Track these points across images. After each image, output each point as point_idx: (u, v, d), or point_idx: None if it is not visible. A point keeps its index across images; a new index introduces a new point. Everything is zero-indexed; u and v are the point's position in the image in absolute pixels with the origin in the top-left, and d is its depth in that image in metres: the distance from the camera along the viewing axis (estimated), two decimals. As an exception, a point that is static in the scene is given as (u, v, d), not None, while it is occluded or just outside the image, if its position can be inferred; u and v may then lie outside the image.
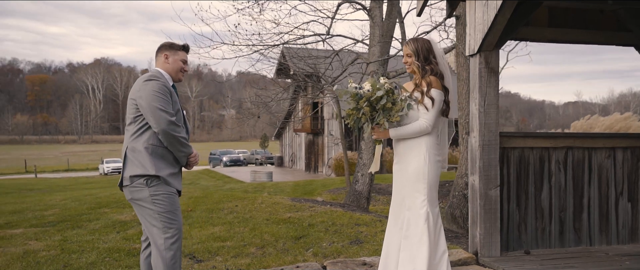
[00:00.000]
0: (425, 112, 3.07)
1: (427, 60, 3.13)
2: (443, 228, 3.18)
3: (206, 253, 5.26)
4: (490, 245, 3.93)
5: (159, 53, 3.22)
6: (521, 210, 4.19)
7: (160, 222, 2.95)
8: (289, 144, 33.96)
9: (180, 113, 3.10)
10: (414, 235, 3.06)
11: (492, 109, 3.94)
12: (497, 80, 3.97)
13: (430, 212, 3.07)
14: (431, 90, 3.07)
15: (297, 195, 15.02)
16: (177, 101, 3.10)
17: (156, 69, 3.19)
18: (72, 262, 4.80)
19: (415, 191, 3.09)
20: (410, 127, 3.08)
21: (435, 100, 3.07)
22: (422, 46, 3.14)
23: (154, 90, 2.93)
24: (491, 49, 3.91)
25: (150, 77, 3.03)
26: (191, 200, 9.85)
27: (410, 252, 3.06)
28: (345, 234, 6.19)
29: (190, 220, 7.50)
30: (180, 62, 3.20)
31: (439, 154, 3.17)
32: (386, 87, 3.01)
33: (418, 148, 3.10)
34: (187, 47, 3.27)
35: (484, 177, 3.92)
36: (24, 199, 13.54)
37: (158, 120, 2.89)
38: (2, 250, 5.49)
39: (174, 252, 2.99)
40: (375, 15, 9.56)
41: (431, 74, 3.11)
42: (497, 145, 3.96)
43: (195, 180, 24.93)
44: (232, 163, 37.91)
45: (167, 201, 2.96)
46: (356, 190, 9.81)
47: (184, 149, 3.02)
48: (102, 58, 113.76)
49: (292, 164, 33.38)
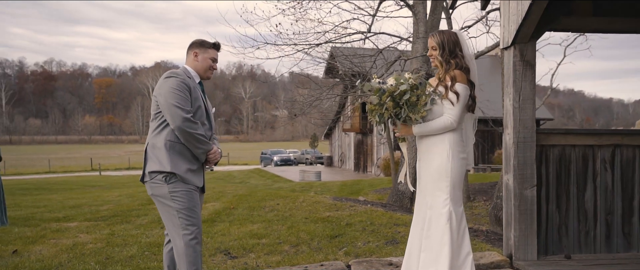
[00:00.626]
0: (450, 108, 2.95)
1: (453, 54, 3.01)
2: (467, 228, 3.04)
3: (241, 250, 5.33)
4: (525, 248, 3.72)
5: (190, 50, 3.21)
6: (562, 212, 3.93)
7: (178, 219, 2.97)
8: (339, 144, 33.94)
9: (201, 110, 3.09)
10: (435, 235, 2.94)
11: (528, 104, 3.73)
12: (533, 74, 3.75)
13: (453, 212, 2.94)
14: (456, 84, 2.94)
15: (343, 195, 14.97)
16: (198, 98, 3.08)
17: (184, 66, 3.20)
18: (114, 255, 5.01)
19: (438, 189, 2.97)
20: (435, 124, 2.97)
21: (460, 95, 2.94)
22: (448, 39, 3.02)
23: (172, 87, 2.95)
24: (526, 40, 3.70)
25: (170, 74, 3.05)
26: (235, 198, 10.05)
27: (431, 253, 2.95)
28: (382, 234, 6.09)
29: (232, 217, 7.64)
30: (209, 61, 3.18)
31: (463, 151, 3.04)
32: (410, 82, 2.92)
33: (441, 144, 2.98)
34: (217, 45, 3.25)
35: (518, 176, 3.72)
36: (85, 194, 14.37)
37: (173, 116, 2.90)
38: (55, 242, 5.83)
39: (193, 248, 3.01)
40: (418, 11, 9.35)
41: (456, 67, 2.99)
42: (533, 142, 3.74)
43: (245, 179, 25.45)
44: (283, 162, 38.39)
45: (186, 198, 2.97)
46: (399, 190, 9.64)
47: (201, 146, 3.00)
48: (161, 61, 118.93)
49: (341, 164, 33.35)
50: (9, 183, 21.56)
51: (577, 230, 3.95)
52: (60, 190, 17.50)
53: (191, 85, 3.05)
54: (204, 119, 3.12)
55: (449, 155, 2.96)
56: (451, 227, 2.92)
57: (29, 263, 4.56)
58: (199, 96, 3.08)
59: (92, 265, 4.47)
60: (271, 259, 4.92)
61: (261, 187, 18.60)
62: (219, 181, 23.30)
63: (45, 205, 11.07)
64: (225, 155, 52.17)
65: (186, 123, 2.91)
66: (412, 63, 9.56)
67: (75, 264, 4.51)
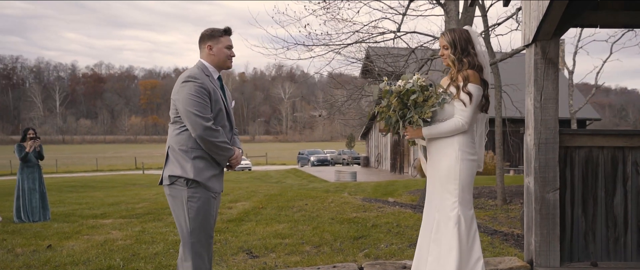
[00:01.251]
0: (462, 109, 2.87)
1: (465, 52, 2.92)
2: (478, 232, 2.94)
3: (263, 249, 5.37)
4: (547, 254, 3.57)
5: (202, 44, 3.05)
6: (588, 217, 3.75)
7: (189, 225, 2.90)
8: (375, 144, 33.70)
9: (222, 112, 2.99)
10: (443, 239, 2.87)
11: (550, 104, 3.58)
12: (556, 73, 3.59)
13: (461, 215, 2.86)
14: (468, 85, 2.86)
15: (377, 196, 14.86)
16: (218, 99, 2.97)
17: (200, 61, 3.06)
18: (140, 252, 5.16)
19: (446, 192, 2.90)
20: (445, 125, 2.89)
21: (473, 95, 2.86)
22: (460, 36, 2.94)
23: (190, 94, 2.85)
24: (549, 37, 3.55)
25: (188, 79, 2.91)
26: (266, 197, 10.16)
27: (438, 257, 2.88)
28: (407, 236, 6.00)
29: (259, 217, 7.73)
30: (225, 50, 3.03)
31: (474, 153, 2.94)
32: (419, 83, 2.86)
33: (450, 146, 2.90)
34: (229, 31, 3.07)
35: (539, 178, 3.57)
36: (125, 192, 14.91)
37: (194, 126, 2.83)
38: (88, 238, 6.07)
39: (199, 253, 2.93)
40: (450, 9, 9.15)
41: (469, 67, 2.90)
42: (556, 144, 3.59)
43: (281, 179, 25.66)
44: (320, 163, 38.48)
45: (201, 206, 2.90)
46: (430, 191, 9.47)
47: (222, 153, 2.91)
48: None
49: (378, 165, 33.09)
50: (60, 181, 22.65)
51: (606, 237, 3.75)
52: (104, 188, 18.22)
53: (210, 88, 2.93)
54: (225, 121, 3.03)
55: (458, 156, 2.88)
56: (459, 231, 2.84)
57: (59, 257, 4.76)
58: (219, 98, 2.97)
59: (117, 261, 4.62)
60: (291, 259, 4.93)
61: (296, 187, 18.71)
62: (255, 181, 23.61)
63: (87, 202, 11.56)
64: (263, 155, 52.83)
65: (207, 132, 2.83)
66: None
67: (101, 260, 4.67)
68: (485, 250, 5.04)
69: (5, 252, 5.12)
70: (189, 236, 2.91)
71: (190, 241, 2.91)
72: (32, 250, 5.18)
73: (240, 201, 10.02)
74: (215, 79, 3.04)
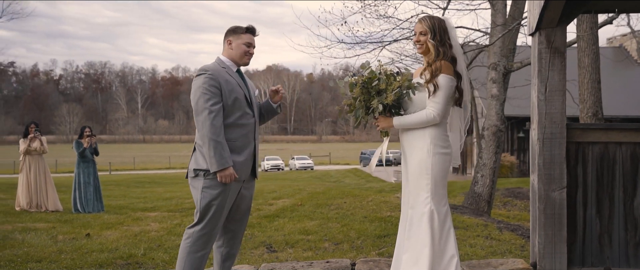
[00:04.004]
0: (433, 100, 2.76)
1: (441, 41, 2.81)
2: (453, 229, 2.82)
3: (284, 244, 5.45)
4: (552, 257, 3.33)
5: (224, 39, 3.14)
6: (603, 219, 3.45)
7: (198, 213, 2.94)
8: (438, 144, 32.72)
9: (239, 101, 3.00)
10: (416, 235, 2.78)
11: (556, 96, 3.34)
12: (562, 63, 3.34)
13: (435, 211, 2.76)
14: (439, 75, 2.75)
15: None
16: (234, 89, 2.99)
17: (218, 57, 3.14)
18: (166, 243, 5.42)
19: (418, 187, 2.81)
20: (416, 117, 2.80)
21: (442, 86, 2.75)
22: (439, 25, 2.84)
23: (197, 86, 2.93)
24: (554, 25, 3.31)
25: (199, 72, 2.99)
26: (308, 195, 10.27)
27: (412, 254, 2.79)
28: (434, 235, 5.84)
29: (294, 214, 7.85)
30: (243, 46, 3.08)
31: (447, 146, 2.83)
32: (382, 70, 2.79)
33: (422, 139, 2.80)
34: (251, 29, 3.13)
35: (544, 176, 3.34)
36: (184, 188, 15.66)
37: (196, 120, 2.92)
38: (126, 228, 6.48)
39: (194, 242, 2.95)
40: (496, 2, 8.73)
41: (443, 58, 2.79)
42: (562, 139, 3.34)
43: (340, 179, 25.73)
44: (380, 163, 38.01)
45: (214, 197, 2.91)
46: (475, 192, 9.09)
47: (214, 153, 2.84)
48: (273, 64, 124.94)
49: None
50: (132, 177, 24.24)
51: (624, 241, 3.43)
52: (167, 184, 19.25)
53: (221, 80, 2.95)
54: (246, 108, 3.04)
55: (430, 150, 2.78)
56: (433, 227, 2.74)
57: (91, 245, 5.13)
58: (234, 87, 2.99)
59: (140, 250, 4.90)
60: (305, 254, 4.97)
61: (353, 186, 18.67)
62: (314, 179, 23.86)
63: (145, 197, 12.30)
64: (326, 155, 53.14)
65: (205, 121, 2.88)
66: (489, 57, 8.96)
67: (128, 249, 4.97)
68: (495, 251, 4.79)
69: (48, 238, 5.60)
70: (196, 223, 2.96)
71: (193, 228, 2.97)
72: (72, 238, 5.62)
73: (283, 198, 10.20)
74: (234, 71, 3.09)
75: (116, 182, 19.34)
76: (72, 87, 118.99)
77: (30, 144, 8.36)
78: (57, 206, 8.51)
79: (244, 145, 3.02)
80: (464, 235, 5.87)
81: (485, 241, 5.49)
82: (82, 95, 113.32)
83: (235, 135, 2.99)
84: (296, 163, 39.75)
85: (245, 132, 3.03)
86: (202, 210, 2.93)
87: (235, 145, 2.96)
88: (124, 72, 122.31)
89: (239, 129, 3.01)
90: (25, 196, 8.27)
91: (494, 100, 8.76)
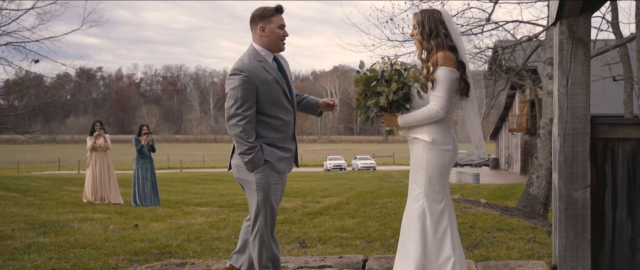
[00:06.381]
0: (435, 95, 2.70)
1: (433, 33, 2.74)
2: (453, 229, 2.73)
3: (316, 241, 5.52)
4: (574, 261, 3.13)
5: (254, 26, 2.91)
6: (636, 222, 3.18)
7: (256, 208, 2.89)
8: (505, 145, 31.37)
9: (278, 100, 2.88)
10: (407, 232, 2.75)
11: (579, 89, 3.13)
12: (586, 54, 3.13)
13: (426, 208, 2.70)
14: (438, 69, 2.69)
15: (492, 199, 14.01)
16: (272, 88, 2.85)
17: (252, 45, 2.94)
18: (204, 235, 5.66)
19: (413, 182, 2.76)
20: (419, 113, 2.74)
21: (442, 79, 2.67)
22: (429, 17, 2.77)
23: (231, 88, 2.82)
24: (577, 13, 3.10)
25: (233, 71, 2.84)
26: (355, 194, 10.27)
27: (402, 250, 2.76)
28: (472, 236, 5.68)
29: (338, 211, 7.91)
30: (277, 30, 2.88)
31: (447, 143, 2.74)
32: (385, 68, 2.76)
33: (421, 134, 2.75)
34: (280, 9, 2.89)
35: (565, 174, 3.14)
36: (241, 186, 16.19)
37: (226, 119, 2.87)
38: (173, 221, 6.84)
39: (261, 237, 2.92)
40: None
41: (438, 49, 2.72)
42: (586, 135, 3.12)
43: (401, 179, 25.38)
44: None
45: (263, 190, 2.85)
46: (530, 194, 8.65)
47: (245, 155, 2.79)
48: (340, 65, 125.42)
49: (508, 167, 30.76)
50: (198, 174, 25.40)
51: (660, 246, 3.15)
52: (229, 181, 19.97)
53: (258, 82, 2.81)
54: (286, 104, 2.93)
55: (427, 145, 2.71)
56: (424, 226, 2.68)
57: (134, 235, 5.48)
58: (272, 86, 2.86)
59: (176, 241, 5.16)
60: (333, 250, 5.01)
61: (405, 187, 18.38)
62: (374, 179, 23.74)
63: (204, 193, 12.88)
64: (390, 155, 52.54)
65: (232, 129, 2.83)
66: (545, 51, 8.50)
67: (166, 239, 5.25)
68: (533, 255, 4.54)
69: (100, 227, 6.05)
70: (256, 216, 2.92)
71: (257, 221, 2.93)
72: (121, 228, 6.03)
73: (330, 197, 10.28)
74: (270, 61, 2.92)
75: (182, 179, 20.38)
76: (151, 89, 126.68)
77: (95, 141, 9.05)
78: (119, 199, 9.15)
79: (284, 140, 2.94)
80: (506, 237, 5.64)
81: (526, 244, 5.24)
82: (159, 97, 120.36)
83: (275, 132, 2.90)
84: (358, 163, 39.81)
85: (286, 128, 2.95)
86: (260, 203, 2.90)
87: (275, 141, 2.90)
88: (197, 74, 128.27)
89: (280, 126, 2.92)
90: (91, 189, 8.97)
91: (550, 97, 8.29)
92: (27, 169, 42.33)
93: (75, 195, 10.32)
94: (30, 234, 5.48)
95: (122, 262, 4.22)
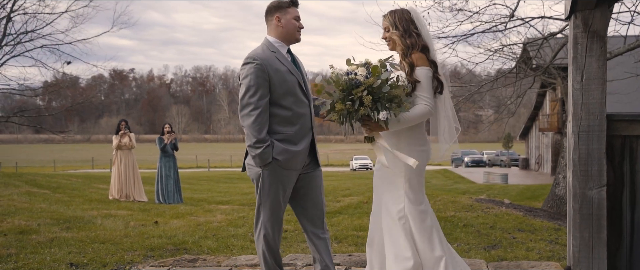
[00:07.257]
0: (421, 95, 2.68)
1: (407, 33, 2.72)
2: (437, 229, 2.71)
3: (333, 239, 5.52)
4: (588, 262, 3.01)
5: (269, 17, 2.87)
6: (656, 223, 3.05)
7: (259, 210, 2.87)
8: (536, 144, 30.58)
9: (293, 91, 2.79)
10: (388, 235, 2.73)
11: (595, 85, 3.01)
12: (602, 48, 3.01)
13: (407, 210, 2.67)
14: (416, 69, 2.68)
15: (519, 200, 13.69)
16: (286, 80, 2.77)
17: (266, 38, 2.90)
18: (222, 233, 5.72)
19: (390, 184, 2.75)
20: (413, 114, 2.65)
21: (423, 79, 2.67)
22: (400, 17, 2.76)
23: (243, 77, 2.75)
24: (592, 6, 2.99)
25: (246, 60, 2.77)
26: (374, 193, 10.20)
27: (389, 253, 2.74)
28: (492, 237, 5.58)
29: (357, 210, 7.88)
30: (293, 21, 2.85)
31: (423, 144, 2.73)
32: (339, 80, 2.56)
33: (396, 136, 2.73)
34: (296, 2, 2.88)
35: (579, 172, 3.03)
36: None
37: (240, 115, 2.76)
38: (192, 219, 6.94)
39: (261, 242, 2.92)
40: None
41: (412, 49, 2.69)
42: (601, 132, 3.01)
43: (428, 179, 25.13)
44: (474, 163, 36.54)
45: (268, 187, 2.80)
46: (556, 194, 8.41)
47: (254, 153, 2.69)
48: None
49: (538, 167, 29.97)
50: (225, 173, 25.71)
51: (682, 248, 3.01)
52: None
53: (271, 71, 2.74)
54: (300, 95, 2.84)
55: (403, 148, 2.70)
56: (405, 228, 2.67)
57: (153, 231, 5.58)
58: (285, 77, 2.78)
59: (193, 238, 5.23)
60: (347, 249, 4.99)
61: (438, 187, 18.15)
62: (399, 179, 23.52)
63: (227, 191, 13.03)
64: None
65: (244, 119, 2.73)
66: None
67: (184, 236, 5.34)
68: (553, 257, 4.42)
69: (122, 223, 6.19)
70: (260, 212, 2.88)
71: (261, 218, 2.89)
72: (141, 225, 6.16)
73: (351, 196, 10.24)
74: (284, 53, 2.87)
75: (208, 178, 20.67)
76: (181, 90, 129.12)
77: (121, 140, 9.27)
78: (143, 197, 9.35)
79: (301, 135, 2.83)
80: (526, 238, 5.51)
81: (547, 246, 5.10)
82: (189, 98, 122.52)
83: (291, 127, 2.80)
84: (355, 163, 39.91)
85: (301, 121, 2.84)
86: (263, 199, 2.86)
87: (291, 136, 2.80)
88: (226, 75, 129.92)
89: (294, 119, 2.81)
90: (116, 187, 9.19)
91: (577, 94, 8.03)
92: (63, 167, 43.83)
93: (103, 193, 10.59)
94: (54, 229, 5.65)
95: (137, 257, 4.30)
